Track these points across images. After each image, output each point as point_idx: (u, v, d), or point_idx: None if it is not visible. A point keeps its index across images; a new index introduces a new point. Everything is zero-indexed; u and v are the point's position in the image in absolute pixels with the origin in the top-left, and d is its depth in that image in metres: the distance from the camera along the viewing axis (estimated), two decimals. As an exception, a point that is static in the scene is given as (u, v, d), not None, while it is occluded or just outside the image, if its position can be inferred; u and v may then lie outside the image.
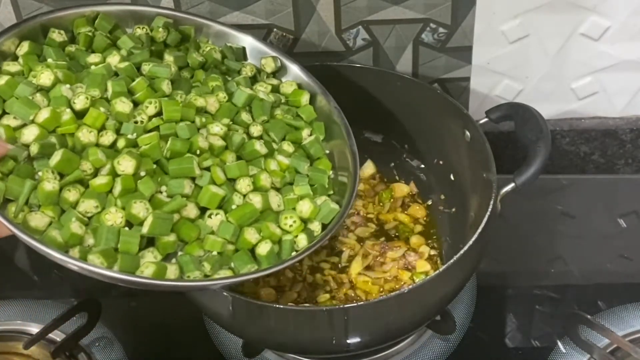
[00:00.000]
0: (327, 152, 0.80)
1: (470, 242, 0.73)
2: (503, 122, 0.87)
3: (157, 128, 0.72)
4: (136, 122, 0.71)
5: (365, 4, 0.90)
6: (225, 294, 0.71)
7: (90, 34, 0.78)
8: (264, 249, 0.70)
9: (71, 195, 0.66)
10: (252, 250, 0.70)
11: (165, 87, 0.74)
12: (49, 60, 0.74)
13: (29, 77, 0.71)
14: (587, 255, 0.95)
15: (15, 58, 0.74)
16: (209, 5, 0.90)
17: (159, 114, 0.73)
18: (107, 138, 0.70)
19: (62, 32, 0.76)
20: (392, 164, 0.97)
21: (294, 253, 0.71)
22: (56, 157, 0.66)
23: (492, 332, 0.88)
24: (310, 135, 0.80)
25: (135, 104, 0.72)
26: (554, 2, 0.90)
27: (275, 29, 0.93)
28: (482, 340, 0.86)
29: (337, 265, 0.87)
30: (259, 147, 0.75)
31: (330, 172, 0.78)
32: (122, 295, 0.92)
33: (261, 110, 0.78)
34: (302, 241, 0.72)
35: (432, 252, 0.89)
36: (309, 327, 0.73)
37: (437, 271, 0.72)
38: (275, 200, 0.73)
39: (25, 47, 0.74)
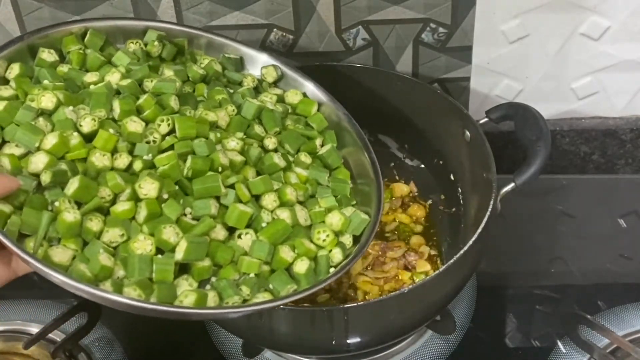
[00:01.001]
0: (342, 160, 0.78)
1: (470, 242, 0.73)
2: (503, 122, 0.87)
3: (171, 147, 0.68)
4: (148, 142, 0.67)
5: (365, 4, 0.90)
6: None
7: (81, 52, 0.73)
8: (301, 267, 0.67)
9: (94, 224, 0.62)
10: (287, 269, 0.67)
11: (173, 103, 0.70)
12: (45, 82, 0.69)
13: (27, 102, 0.67)
14: (587, 255, 0.95)
15: (5, 82, 0.69)
16: (209, 5, 0.90)
17: (170, 131, 0.69)
18: (122, 161, 0.66)
19: (52, 51, 0.72)
20: (392, 164, 0.97)
21: (331, 269, 0.68)
22: (73, 184, 0.62)
23: (492, 332, 0.88)
24: (322, 144, 0.78)
25: (146, 122, 0.69)
26: (554, 2, 0.90)
27: (275, 29, 0.93)
28: (482, 340, 0.86)
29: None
30: (278, 160, 0.72)
31: (350, 182, 0.76)
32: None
33: (273, 122, 0.75)
34: (337, 255, 0.69)
35: (432, 252, 0.89)
36: (309, 327, 0.73)
37: (437, 271, 0.72)
38: (302, 214, 0.70)
39: (15, 69, 0.69)
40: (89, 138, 0.66)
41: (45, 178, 0.62)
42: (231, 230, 0.67)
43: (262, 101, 0.77)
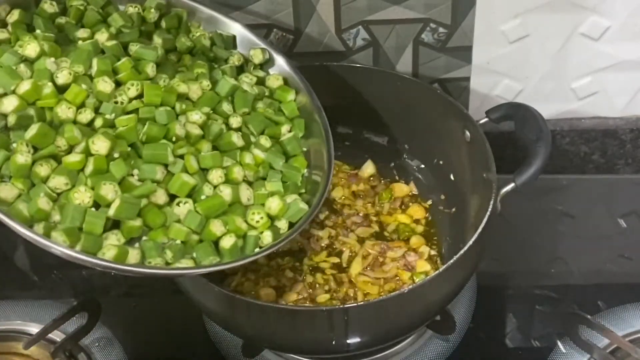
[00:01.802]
0: (305, 149, 0.80)
1: (470, 242, 0.73)
2: (503, 122, 0.87)
3: (136, 110, 0.71)
4: (116, 103, 0.71)
5: (365, 4, 0.90)
6: (225, 293, 0.71)
7: (82, 7, 0.77)
8: (227, 242, 0.70)
9: (43, 169, 0.66)
10: (216, 243, 0.70)
11: (150, 70, 0.74)
12: (38, 31, 0.73)
13: (16, 47, 0.71)
14: (587, 255, 0.95)
15: (4, 25, 0.74)
16: (209, 5, 0.90)
17: (140, 96, 0.72)
18: (85, 116, 0.70)
19: (53, 3, 0.76)
20: (392, 164, 0.97)
21: (257, 249, 0.71)
22: (32, 130, 0.66)
23: (492, 332, 0.88)
24: (290, 131, 0.80)
25: (118, 84, 0.72)
26: (554, 2, 0.90)
27: (275, 29, 0.93)
28: (482, 340, 0.86)
29: (337, 265, 0.87)
30: (236, 139, 0.75)
31: (305, 171, 0.78)
32: (122, 295, 0.92)
33: (243, 102, 0.78)
34: (267, 238, 0.72)
35: (432, 252, 0.89)
36: (309, 327, 0.73)
37: (437, 271, 0.72)
38: (245, 194, 0.73)
39: (15, 15, 0.74)
40: (62, 90, 0.70)
41: (11, 119, 0.67)
42: (172, 197, 0.70)
43: (240, 81, 0.80)
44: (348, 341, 0.74)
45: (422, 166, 0.96)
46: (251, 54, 0.83)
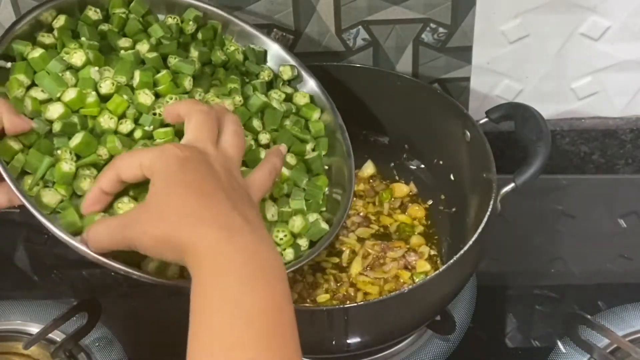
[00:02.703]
0: (326, 167, 0.81)
1: (470, 242, 0.73)
2: (503, 122, 0.87)
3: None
4: (155, 114, 0.72)
5: (365, 4, 0.90)
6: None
7: (124, 15, 0.78)
8: None
9: (86, 184, 0.66)
10: None
11: (187, 83, 0.75)
12: (83, 38, 0.75)
13: (62, 54, 0.72)
14: (587, 255, 0.95)
15: (50, 30, 0.75)
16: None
17: None
18: (126, 126, 0.70)
19: (97, 10, 0.77)
20: (392, 164, 0.97)
21: None
22: (77, 138, 0.67)
23: (492, 332, 0.88)
24: (314, 149, 0.80)
25: (157, 95, 0.73)
26: (554, 2, 0.90)
27: (275, 29, 0.93)
28: (482, 340, 0.86)
29: (337, 265, 0.87)
30: (264, 155, 0.75)
31: (326, 189, 0.79)
32: (122, 295, 0.92)
33: (272, 120, 0.78)
34: (289, 255, 0.72)
35: (432, 252, 0.89)
36: (309, 327, 0.73)
37: (437, 271, 0.72)
38: (271, 210, 0.73)
39: (61, 20, 0.75)
40: (105, 99, 0.71)
41: (56, 126, 0.68)
42: None
43: (270, 97, 0.80)
44: (348, 341, 0.74)
45: (422, 166, 0.96)
46: (280, 70, 0.83)
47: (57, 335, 0.85)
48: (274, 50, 0.84)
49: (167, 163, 0.57)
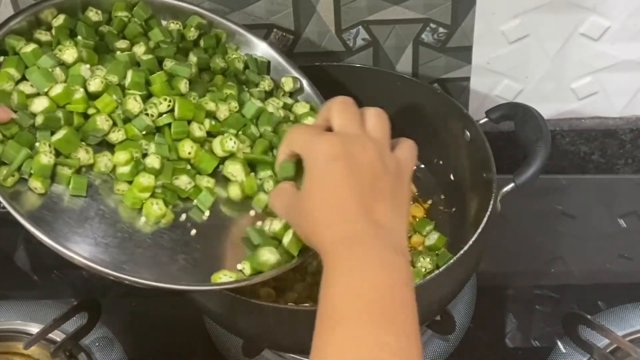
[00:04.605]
0: None
1: (470, 242, 0.73)
2: (503, 122, 0.87)
3: (168, 125, 0.72)
4: (147, 114, 0.71)
5: (365, 4, 0.90)
6: (225, 293, 0.71)
7: (125, 19, 0.78)
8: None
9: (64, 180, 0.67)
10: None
11: (183, 86, 0.74)
12: (79, 37, 0.75)
13: (55, 51, 0.72)
14: (587, 255, 0.95)
15: (49, 28, 0.75)
16: (209, 5, 0.90)
17: (168, 111, 0.72)
18: (117, 135, 0.70)
19: (99, 12, 0.77)
20: (392, 164, 0.97)
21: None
22: (58, 134, 0.67)
23: (492, 332, 0.88)
24: None
25: (149, 96, 0.73)
26: (554, 2, 0.90)
27: (275, 29, 0.93)
28: (482, 340, 0.87)
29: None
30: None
31: None
32: (122, 295, 0.92)
33: (267, 121, 0.77)
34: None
35: (432, 252, 0.89)
36: (308, 327, 0.73)
37: (437, 271, 0.72)
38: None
39: (60, 19, 0.75)
40: (93, 97, 0.71)
41: (39, 119, 0.68)
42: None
43: (267, 104, 0.79)
44: (348, 341, 0.74)
45: (422, 166, 0.96)
46: (283, 81, 0.83)
47: (57, 335, 0.85)
48: (278, 63, 0.84)
49: (317, 155, 0.62)
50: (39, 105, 0.68)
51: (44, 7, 0.74)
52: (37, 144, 0.67)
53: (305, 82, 0.83)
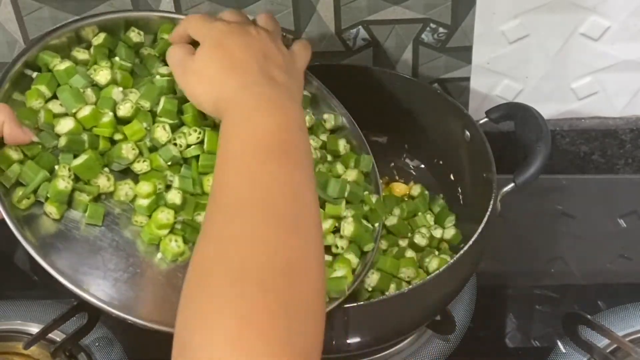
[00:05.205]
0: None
1: (470, 242, 0.73)
2: (503, 122, 0.87)
3: (196, 157, 0.70)
4: (175, 145, 0.69)
5: (365, 4, 0.90)
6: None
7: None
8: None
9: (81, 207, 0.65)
10: None
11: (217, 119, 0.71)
12: (117, 58, 0.72)
13: (90, 70, 0.71)
14: (587, 255, 0.95)
15: (88, 46, 0.73)
16: (209, 6, 0.90)
17: (198, 143, 0.70)
18: (141, 166, 0.68)
19: (141, 33, 0.75)
20: (392, 164, 0.97)
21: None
22: (79, 159, 0.65)
23: (492, 332, 0.88)
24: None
25: (180, 125, 0.71)
26: (554, 2, 0.90)
27: (275, 29, 0.93)
28: (482, 340, 0.86)
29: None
30: None
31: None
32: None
33: None
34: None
35: (432, 252, 0.89)
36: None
37: (437, 271, 0.72)
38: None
39: (100, 38, 0.73)
40: (122, 121, 0.69)
41: (62, 141, 0.66)
42: None
43: None
44: (348, 341, 0.74)
45: (422, 166, 0.96)
46: (325, 117, 0.82)
47: (57, 335, 0.85)
48: (322, 97, 0.81)
49: (213, 32, 0.67)
50: (65, 126, 0.66)
51: (86, 24, 0.72)
52: (56, 168, 0.65)
53: (345, 120, 0.82)
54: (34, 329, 0.86)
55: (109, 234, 0.65)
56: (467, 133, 0.85)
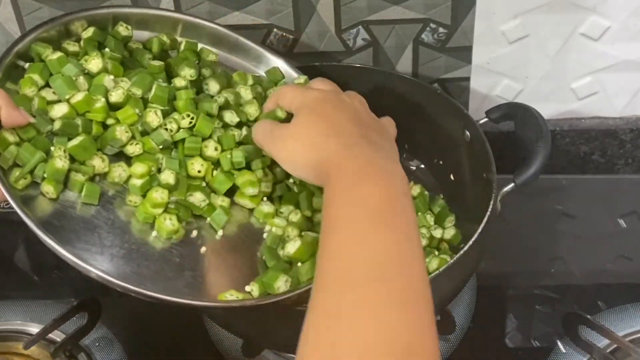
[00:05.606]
0: None
1: (470, 242, 0.73)
2: (503, 122, 0.87)
3: (182, 141, 0.71)
4: (166, 129, 0.70)
5: (365, 4, 0.90)
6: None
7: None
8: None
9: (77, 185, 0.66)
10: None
11: (215, 109, 0.73)
12: (106, 49, 0.75)
13: (82, 60, 0.72)
14: (587, 255, 0.95)
15: (78, 39, 0.75)
16: (209, 6, 0.90)
17: (189, 128, 0.71)
18: (134, 148, 0.69)
19: (129, 27, 0.77)
20: (392, 164, 0.97)
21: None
22: (75, 141, 0.67)
23: (492, 332, 0.88)
24: None
25: (171, 111, 0.72)
26: (554, 2, 0.90)
27: (275, 29, 0.93)
28: (482, 340, 0.87)
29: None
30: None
31: None
32: (122, 295, 0.91)
33: None
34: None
35: (432, 252, 0.89)
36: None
37: (437, 271, 0.72)
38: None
39: (90, 32, 0.75)
40: (114, 107, 0.70)
41: (57, 125, 0.67)
42: None
43: None
44: (348, 341, 0.74)
45: (422, 166, 0.96)
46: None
47: (57, 335, 0.85)
48: (286, 70, 0.83)
49: (308, 99, 0.67)
50: (59, 111, 0.68)
51: (75, 18, 0.74)
52: (52, 149, 0.66)
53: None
54: (34, 329, 0.87)
55: (104, 212, 0.67)
56: (467, 133, 0.85)
